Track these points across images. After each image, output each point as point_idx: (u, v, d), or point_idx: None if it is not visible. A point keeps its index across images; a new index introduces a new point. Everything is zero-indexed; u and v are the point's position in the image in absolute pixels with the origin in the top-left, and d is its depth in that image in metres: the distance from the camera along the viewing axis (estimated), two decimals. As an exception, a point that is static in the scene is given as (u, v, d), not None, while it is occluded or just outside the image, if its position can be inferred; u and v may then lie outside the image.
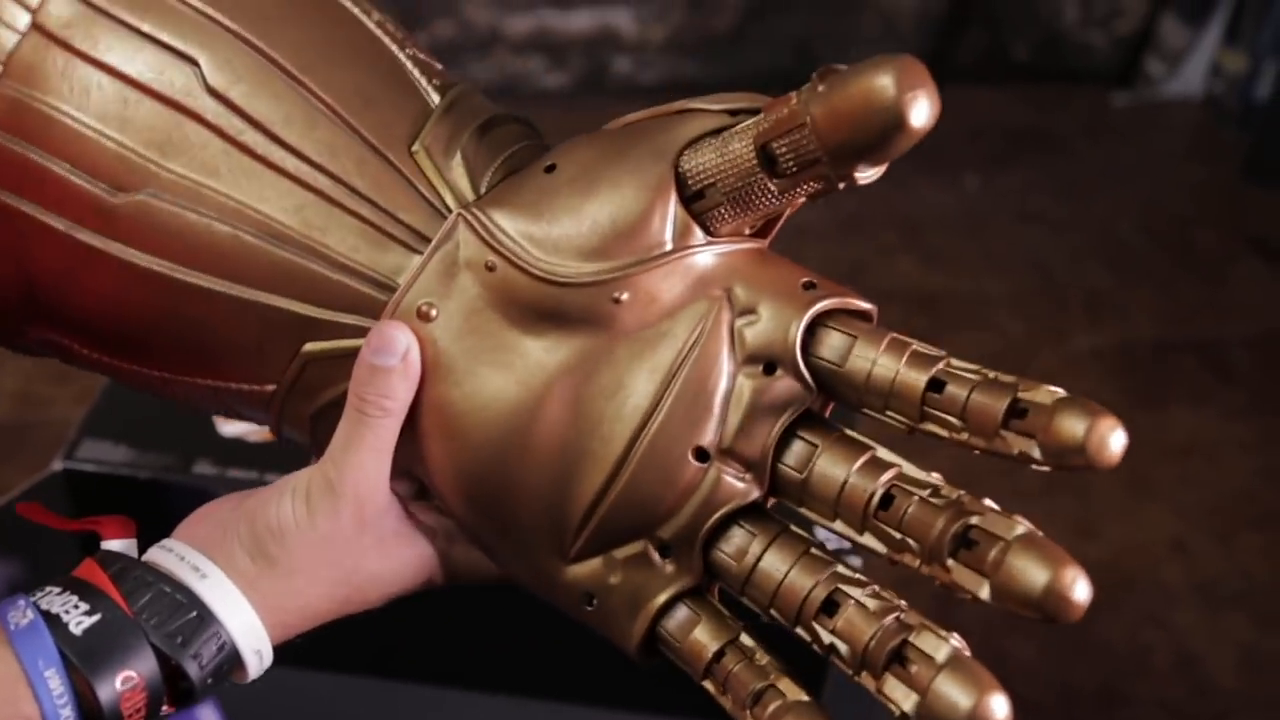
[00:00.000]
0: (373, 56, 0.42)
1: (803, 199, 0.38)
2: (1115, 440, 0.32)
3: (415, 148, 0.40)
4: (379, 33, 0.43)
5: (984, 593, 0.33)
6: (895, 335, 0.37)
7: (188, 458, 0.70)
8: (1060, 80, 2.53)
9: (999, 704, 0.32)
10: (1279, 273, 2.08)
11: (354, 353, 0.40)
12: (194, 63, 0.39)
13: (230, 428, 0.73)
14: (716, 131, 0.38)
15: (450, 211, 0.40)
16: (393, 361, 0.39)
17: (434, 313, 0.39)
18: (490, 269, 0.39)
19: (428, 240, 0.40)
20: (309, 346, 0.40)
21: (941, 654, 0.34)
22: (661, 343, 0.38)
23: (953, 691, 0.33)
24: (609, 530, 0.38)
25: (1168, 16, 2.50)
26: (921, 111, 0.33)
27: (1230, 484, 1.67)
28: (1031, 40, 2.53)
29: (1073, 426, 0.33)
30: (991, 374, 0.35)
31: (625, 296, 0.38)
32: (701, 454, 0.38)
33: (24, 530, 0.72)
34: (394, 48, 0.43)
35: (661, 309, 0.38)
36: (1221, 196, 2.26)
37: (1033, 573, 0.32)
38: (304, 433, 0.43)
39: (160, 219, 0.39)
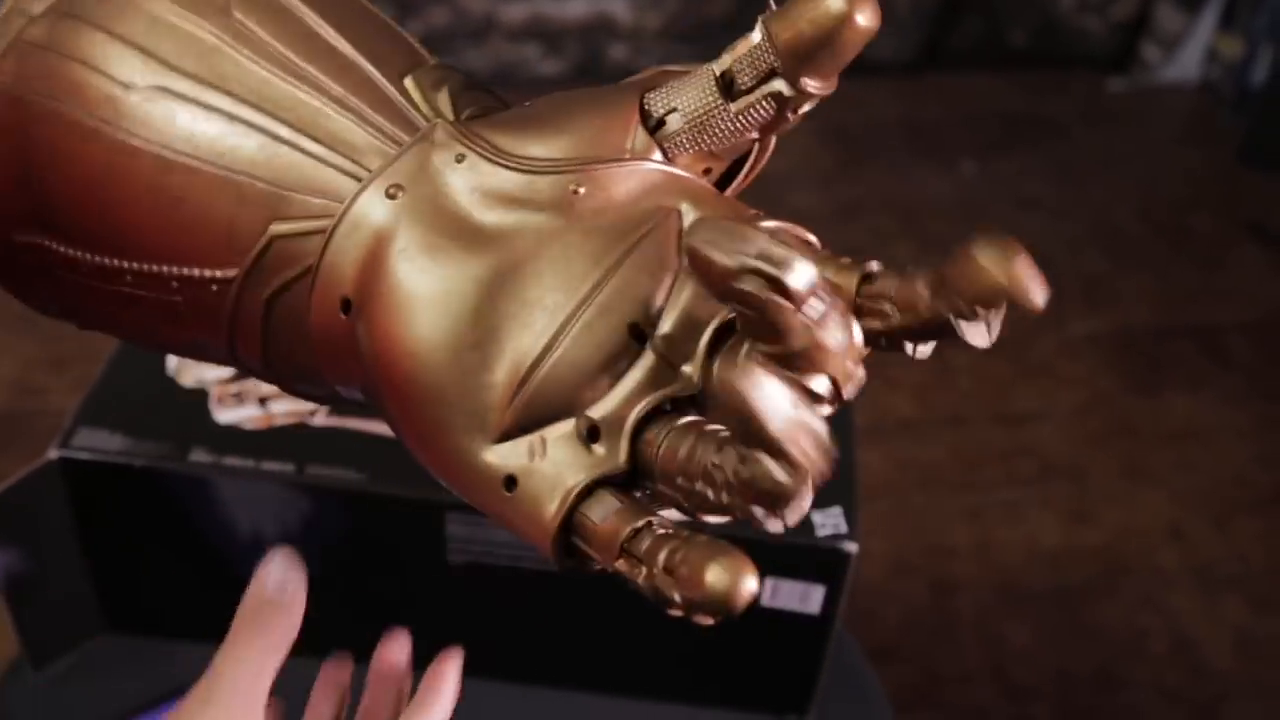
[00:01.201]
0: (372, 18, 0.49)
1: (755, 133, 0.41)
2: (1034, 284, 0.34)
3: (407, 81, 0.45)
4: (373, 8, 0.49)
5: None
6: (828, 253, 0.39)
7: (184, 446, 0.70)
8: (1056, 66, 2.53)
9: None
10: (1276, 258, 2.08)
11: (317, 234, 0.43)
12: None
13: (226, 415, 0.73)
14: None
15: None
16: (280, 596, 0.45)
17: (400, 195, 0.43)
18: (460, 160, 0.43)
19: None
20: (276, 227, 0.44)
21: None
22: (613, 230, 0.41)
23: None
24: (539, 402, 0.39)
25: (1164, 2, 2.50)
26: (866, 11, 0.37)
27: (1227, 469, 1.68)
28: (1028, 26, 2.53)
29: (991, 266, 0.33)
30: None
31: (582, 190, 0.41)
32: (637, 331, 0.38)
33: (22, 519, 0.72)
34: (387, 19, 0.49)
35: (616, 207, 0.41)
36: (1218, 182, 2.26)
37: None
38: (255, 329, 0.44)
39: (163, 109, 0.45)
